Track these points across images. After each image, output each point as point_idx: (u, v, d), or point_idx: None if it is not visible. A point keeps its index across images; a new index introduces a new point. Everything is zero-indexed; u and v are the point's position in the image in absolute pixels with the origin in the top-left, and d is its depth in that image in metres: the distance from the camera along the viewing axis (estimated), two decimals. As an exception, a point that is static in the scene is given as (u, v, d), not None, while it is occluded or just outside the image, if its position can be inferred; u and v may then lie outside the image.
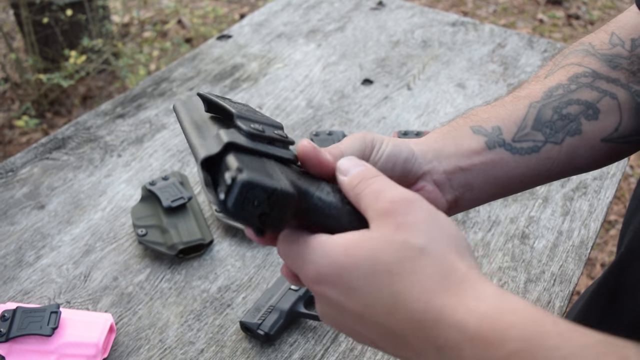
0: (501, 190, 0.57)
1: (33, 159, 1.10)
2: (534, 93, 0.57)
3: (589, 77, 0.57)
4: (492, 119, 0.56)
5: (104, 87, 3.05)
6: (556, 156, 0.56)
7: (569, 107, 0.56)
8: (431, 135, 0.56)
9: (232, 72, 1.32)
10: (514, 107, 0.56)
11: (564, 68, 0.59)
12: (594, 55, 0.59)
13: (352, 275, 0.38)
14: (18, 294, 0.86)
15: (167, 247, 0.88)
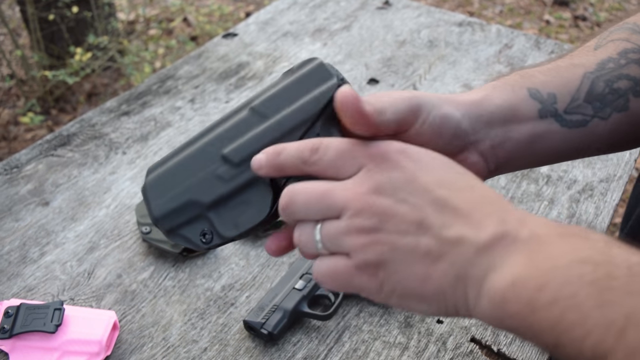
0: (539, 160, 0.57)
1: (38, 156, 1.10)
2: (588, 63, 0.57)
3: (638, 53, 0.57)
4: (548, 84, 0.55)
5: (109, 84, 3.05)
6: (601, 132, 0.56)
7: (619, 82, 0.56)
8: (486, 93, 0.53)
9: (238, 71, 1.32)
10: (569, 74, 0.56)
11: (614, 42, 0.59)
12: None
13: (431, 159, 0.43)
14: (22, 291, 0.86)
15: (171, 245, 0.88)
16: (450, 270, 0.39)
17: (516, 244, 0.38)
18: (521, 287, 0.37)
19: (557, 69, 0.56)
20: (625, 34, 0.59)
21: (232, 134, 0.51)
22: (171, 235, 0.52)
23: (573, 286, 0.35)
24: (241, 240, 0.93)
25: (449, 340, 0.79)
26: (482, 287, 0.39)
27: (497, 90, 0.54)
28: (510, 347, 0.78)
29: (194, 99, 1.24)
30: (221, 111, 1.20)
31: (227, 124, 0.52)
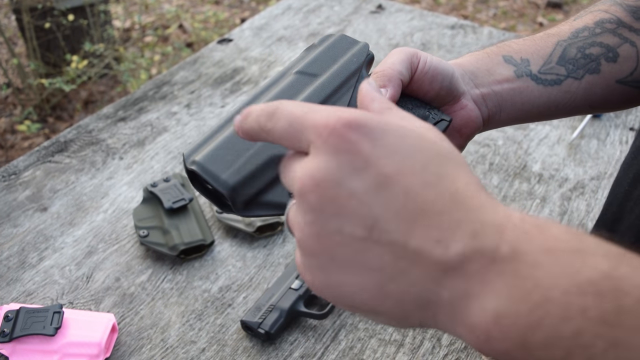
0: (524, 115, 0.62)
1: (35, 162, 1.11)
2: (562, 32, 0.62)
3: (614, 23, 0.62)
4: (522, 52, 0.61)
5: (106, 92, 3.06)
6: (575, 90, 0.61)
7: (592, 48, 0.61)
8: (466, 59, 0.60)
9: (233, 76, 1.34)
10: (543, 43, 0.61)
11: (592, 13, 0.63)
12: (621, 5, 0.63)
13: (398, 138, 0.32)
14: (21, 295, 0.87)
15: (169, 247, 0.89)
16: (411, 291, 0.31)
17: (495, 264, 0.30)
18: (508, 324, 0.29)
19: (532, 39, 0.62)
20: (605, 5, 0.64)
21: (291, 93, 0.49)
22: (252, 206, 0.44)
23: (575, 323, 0.28)
24: (238, 242, 0.94)
25: (443, 336, 0.80)
26: (456, 316, 0.31)
27: (473, 56, 0.60)
28: (503, 343, 0.79)
29: (189, 104, 1.25)
30: (217, 116, 1.21)
31: (275, 89, 0.50)
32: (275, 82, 0.51)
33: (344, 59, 0.53)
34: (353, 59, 0.54)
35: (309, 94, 0.50)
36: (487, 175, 1.07)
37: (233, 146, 0.45)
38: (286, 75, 0.52)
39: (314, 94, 0.50)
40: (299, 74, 0.51)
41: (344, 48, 0.54)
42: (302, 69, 0.52)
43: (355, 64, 0.53)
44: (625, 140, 1.17)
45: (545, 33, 0.62)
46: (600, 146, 1.15)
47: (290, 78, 0.51)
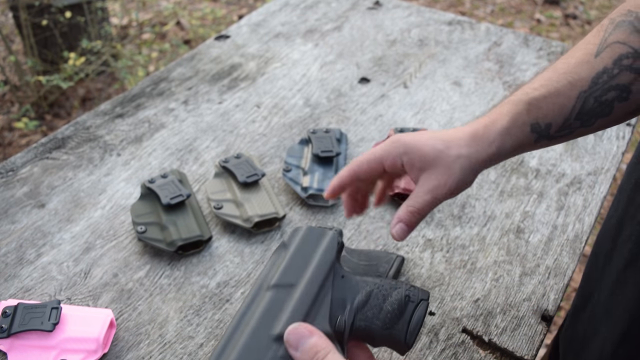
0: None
1: (33, 159, 1.11)
2: (584, 79, 0.63)
3: (631, 58, 0.62)
4: (548, 115, 0.64)
5: (103, 89, 3.06)
6: (583, 134, 0.66)
7: (608, 94, 0.63)
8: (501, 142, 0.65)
9: (230, 72, 1.34)
10: (565, 98, 0.64)
11: (611, 47, 0.64)
12: (638, 32, 0.63)
13: None
14: (19, 292, 0.87)
15: (167, 243, 0.89)
16: None
17: None
18: None
19: (557, 93, 0.64)
20: (624, 33, 0.64)
21: (272, 315, 0.50)
22: None
23: None
24: (235, 237, 0.94)
25: (440, 331, 0.81)
26: None
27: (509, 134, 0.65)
28: (500, 337, 0.80)
29: (187, 100, 1.25)
30: (214, 112, 1.21)
31: (257, 310, 0.51)
32: (254, 300, 0.52)
33: (316, 258, 0.54)
34: (325, 257, 0.54)
35: (291, 312, 0.50)
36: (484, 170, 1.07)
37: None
38: (263, 290, 0.52)
39: (297, 310, 0.50)
40: (276, 288, 0.52)
41: (313, 243, 0.55)
42: (278, 281, 0.53)
43: (327, 263, 0.54)
44: (622, 136, 1.18)
45: (569, 82, 0.64)
46: (597, 141, 1.16)
47: (269, 295, 0.52)
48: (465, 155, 0.64)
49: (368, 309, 0.53)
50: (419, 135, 0.66)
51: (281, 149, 1.11)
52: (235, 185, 0.98)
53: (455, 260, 0.91)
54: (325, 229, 0.56)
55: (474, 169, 0.65)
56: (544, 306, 0.84)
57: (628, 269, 0.60)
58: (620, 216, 0.65)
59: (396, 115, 1.21)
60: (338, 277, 0.54)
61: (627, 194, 0.64)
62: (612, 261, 0.65)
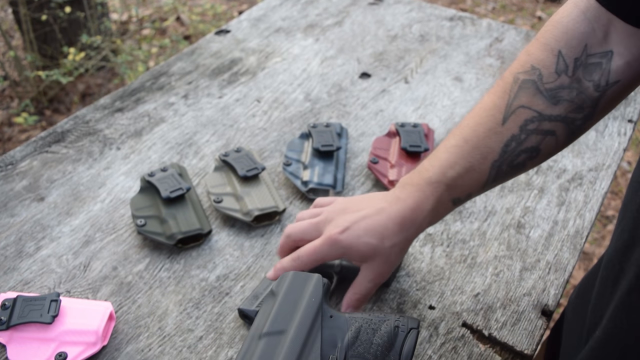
0: None
1: (32, 152, 1.10)
2: (494, 150, 0.69)
3: (536, 121, 0.67)
4: (467, 189, 0.71)
5: (103, 85, 3.05)
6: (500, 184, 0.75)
7: (519, 157, 0.69)
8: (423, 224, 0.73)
9: (231, 66, 1.33)
10: (480, 172, 0.70)
11: (516, 114, 0.68)
12: (541, 93, 0.67)
13: None
14: (18, 284, 0.86)
15: (166, 237, 0.89)
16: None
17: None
18: None
19: (471, 168, 0.70)
20: (527, 96, 0.67)
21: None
22: None
23: None
24: (235, 231, 0.94)
25: (440, 325, 0.80)
26: None
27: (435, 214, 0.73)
28: (500, 332, 0.79)
29: (187, 94, 1.24)
30: (214, 106, 1.21)
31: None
32: (248, 351, 0.54)
33: (303, 303, 0.57)
34: (312, 300, 0.57)
35: (284, 358, 0.52)
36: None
37: None
38: (255, 339, 0.54)
39: (289, 356, 0.52)
40: (268, 337, 0.54)
41: (299, 288, 0.59)
42: (269, 329, 0.55)
43: (315, 305, 0.57)
44: (624, 132, 1.17)
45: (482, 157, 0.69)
46: (599, 137, 1.15)
47: (261, 344, 0.54)
48: (398, 242, 0.72)
49: (359, 344, 0.54)
50: (354, 233, 0.71)
51: (281, 144, 1.11)
52: (235, 179, 0.98)
53: (456, 254, 0.90)
54: (310, 274, 0.59)
55: (406, 248, 0.75)
56: (544, 301, 0.84)
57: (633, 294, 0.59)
58: (626, 239, 0.63)
59: (397, 110, 1.20)
60: (327, 317, 0.56)
61: (633, 215, 0.62)
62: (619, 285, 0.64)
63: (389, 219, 0.71)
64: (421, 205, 0.71)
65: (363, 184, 1.03)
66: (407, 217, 0.71)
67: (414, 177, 0.73)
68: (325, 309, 0.56)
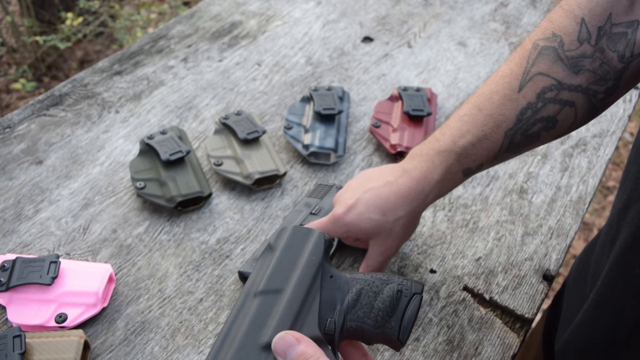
0: None
1: (30, 116, 1.09)
2: (509, 118, 0.66)
3: (554, 90, 0.64)
4: (479, 158, 0.68)
5: (102, 51, 3.02)
6: (511, 158, 0.71)
7: (534, 127, 0.66)
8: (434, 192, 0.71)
9: (231, 30, 1.31)
10: (493, 141, 0.67)
11: (534, 81, 0.65)
12: (562, 61, 0.63)
13: None
14: (17, 247, 0.86)
15: (166, 199, 0.88)
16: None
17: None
18: None
19: (484, 137, 0.67)
20: (546, 64, 0.64)
21: (260, 323, 0.49)
22: None
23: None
24: (236, 194, 0.93)
25: (441, 289, 0.80)
26: None
27: (443, 185, 0.70)
28: (502, 296, 0.79)
29: (186, 58, 1.22)
30: (214, 69, 1.19)
31: (245, 319, 0.50)
32: (242, 308, 0.51)
33: (302, 260, 0.53)
34: (312, 258, 0.53)
35: (279, 320, 0.49)
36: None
37: None
38: (250, 297, 0.51)
39: (284, 317, 0.49)
40: (263, 295, 0.51)
41: (300, 245, 0.54)
42: (264, 287, 0.51)
43: (315, 264, 0.52)
44: (629, 99, 1.16)
45: (495, 125, 0.66)
46: (603, 104, 1.14)
47: (256, 302, 0.50)
48: (403, 215, 0.70)
49: (359, 308, 0.52)
50: (357, 210, 0.70)
51: (282, 107, 1.10)
52: (236, 142, 0.96)
53: (458, 219, 0.90)
54: (311, 229, 0.55)
55: (414, 221, 0.73)
56: (546, 266, 0.84)
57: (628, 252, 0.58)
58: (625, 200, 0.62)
59: (399, 75, 1.18)
60: (327, 277, 0.53)
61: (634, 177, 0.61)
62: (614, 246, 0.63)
63: (392, 192, 0.69)
64: (428, 175, 0.69)
65: (365, 148, 1.02)
66: (413, 189, 0.69)
67: (424, 148, 0.71)
68: (325, 268, 0.53)
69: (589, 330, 0.63)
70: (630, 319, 0.56)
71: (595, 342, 0.62)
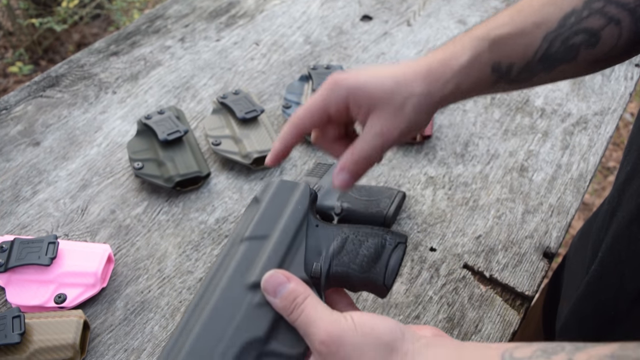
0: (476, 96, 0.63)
1: (27, 97, 1.08)
2: (551, 20, 0.58)
3: (602, 1, 0.57)
4: (512, 55, 0.58)
5: (99, 34, 2.99)
6: (542, 81, 0.61)
7: (575, 37, 0.58)
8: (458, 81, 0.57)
9: (228, 9, 1.29)
10: (531, 38, 0.58)
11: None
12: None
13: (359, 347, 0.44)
14: (16, 228, 0.86)
15: (164, 179, 0.87)
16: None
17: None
18: None
19: (522, 32, 0.58)
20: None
21: (246, 265, 0.49)
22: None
23: None
24: (234, 174, 0.93)
25: (442, 267, 0.80)
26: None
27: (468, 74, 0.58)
28: (502, 273, 0.79)
29: (184, 38, 1.21)
30: (212, 49, 1.18)
31: (231, 262, 0.50)
32: (229, 253, 0.51)
33: (288, 209, 0.53)
34: (298, 207, 0.54)
35: (265, 261, 0.49)
36: (488, 109, 1.05)
37: (205, 344, 0.46)
38: (236, 244, 0.51)
39: (271, 259, 0.50)
40: (249, 241, 0.51)
41: (285, 196, 0.55)
42: (251, 233, 0.52)
43: (300, 212, 0.53)
44: (630, 77, 1.15)
45: (534, 22, 0.58)
46: (605, 82, 1.13)
47: (242, 247, 0.51)
48: (417, 94, 0.57)
49: (344, 254, 0.52)
50: (364, 73, 0.57)
51: (280, 87, 1.09)
52: (234, 121, 0.96)
53: (458, 197, 0.89)
54: (297, 183, 0.56)
55: (427, 109, 0.58)
56: (546, 243, 0.83)
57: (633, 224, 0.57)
58: (628, 171, 0.61)
59: (399, 54, 1.17)
60: (312, 227, 0.53)
61: (638, 147, 0.60)
62: (615, 218, 0.62)
63: (408, 68, 0.58)
64: (454, 58, 0.58)
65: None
66: (434, 69, 0.57)
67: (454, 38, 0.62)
68: (310, 219, 0.54)
69: (591, 302, 0.62)
70: (632, 290, 0.56)
71: (597, 313, 0.62)
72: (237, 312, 0.47)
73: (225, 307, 0.47)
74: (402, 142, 0.59)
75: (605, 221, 0.62)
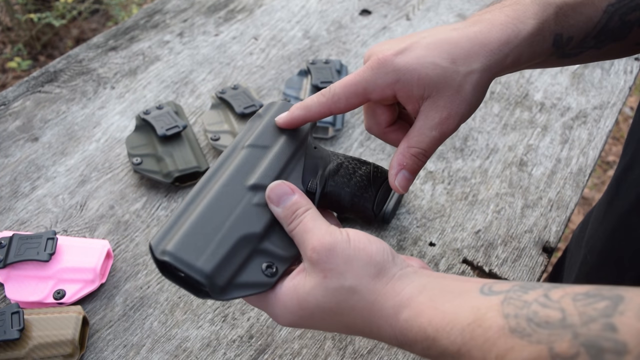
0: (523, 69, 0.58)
1: (25, 92, 1.08)
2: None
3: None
4: (575, 26, 0.53)
5: (98, 29, 2.99)
6: (590, 58, 0.58)
7: (632, 14, 0.55)
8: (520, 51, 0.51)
9: (227, 3, 1.29)
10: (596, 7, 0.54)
11: None
12: None
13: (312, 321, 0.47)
14: (14, 224, 0.86)
15: (163, 175, 0.87)
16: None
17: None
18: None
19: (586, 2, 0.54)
20: None
21: (247, 168, 0.51)
22: (229, 289, 0.46)
23: None
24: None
25: (441, 261, 0.80)
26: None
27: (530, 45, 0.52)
28: (501, 268, 0.79)
29: (182, 32, 1.21)
30: (210, 44, 1.17)
31: (232, 164, 0.51)
32: (230, 157, 0.52)
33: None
34: (300, 127, 0.55)
35: (266, 167, 0.51)
36: (487, 103, 1.05)
37: (202, 230, 0.46)
38: (238, 149, 0.52)
39: (271, 166, 0.51)
40: (251, 148, 0.52)
41: None
42: (253, 142, 0.53)
43: (302, 132, 0.55)
44: (630, 70, 1.14)
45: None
46: (604, 75, 1.13)
47: (243, 152, 0.52)
48: (477, 69, 0.49)
49: (339, 176, 0.54)
50: (413, 53, 0.50)
51: (279, 81, 1.08)
52: (233, 116, 0.95)
53: (457, 192, 0.89)
54: None
55: (486, 86, 0.51)
56: (546, 238, 0.83)
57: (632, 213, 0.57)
58: (627, 161, 0.61)
59: (398, 48, 1.17)
60: (311, 148, 0.55)
61: (638, 138, 0.60)
62: (613, 207, 0.62)
63: (464, 37, 0.50)
64: (519, 24, 0.50)
65: (363, 121, 1.01)
66: (495, 37, 0.50)
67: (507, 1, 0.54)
68: (310, 140, 0.55)
69: None
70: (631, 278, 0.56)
71: None
72: (236, 208, 0.48)
73: (225, 200, 0.48)
74: None
75: (602, 210, 0.62)
